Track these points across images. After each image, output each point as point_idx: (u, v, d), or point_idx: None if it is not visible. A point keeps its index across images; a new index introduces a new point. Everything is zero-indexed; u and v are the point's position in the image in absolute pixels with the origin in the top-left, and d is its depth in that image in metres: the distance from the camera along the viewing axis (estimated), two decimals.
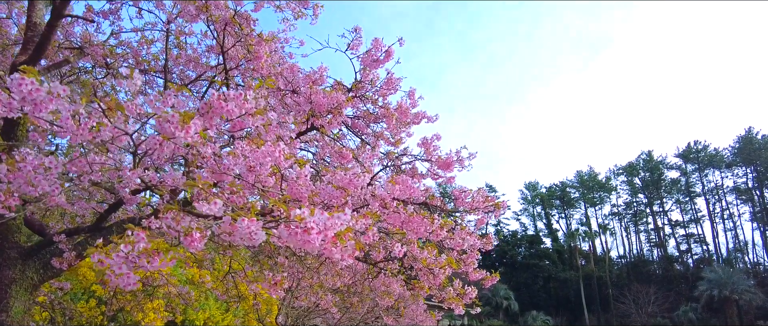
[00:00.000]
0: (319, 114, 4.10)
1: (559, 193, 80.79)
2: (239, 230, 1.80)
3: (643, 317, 49.82)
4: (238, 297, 7.46)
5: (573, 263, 66.66)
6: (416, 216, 2.90)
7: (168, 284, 7.98)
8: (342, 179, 2.83)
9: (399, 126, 4.92)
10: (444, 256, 3.56)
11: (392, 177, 3.01)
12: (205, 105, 2.26)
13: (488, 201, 4.52)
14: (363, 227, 2.53)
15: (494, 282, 4.53)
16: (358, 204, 3.17)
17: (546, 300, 61.51)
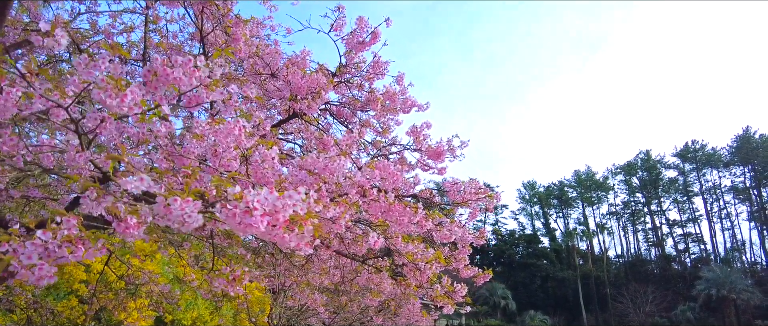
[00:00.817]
0: (299, 99, 3.80)
1: (557, 193, 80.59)
2: (173, 212, 1.50)
3: (641, 316, 49.62)
4: (223, 296, 7.16)
5: (571, 262, 66.45)
6: (397, 205, 2.60)
7: (151, 282, 7.66)
8: (314, 163, 2.53)
9: (386, 113, 4.61)
10: (432, 251, 3.27)
11: (371, 162, 2.71)
12: (148, 72, 1.96)
13: (480, 193, 4.22)
14: (335, 215, 2.22)
15: (487, 280, 4.24)
16: (336, 193, 2.88)
17: (544, 299, 61.29)
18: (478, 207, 4.26)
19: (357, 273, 4.68)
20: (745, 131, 67.88)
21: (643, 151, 76.10)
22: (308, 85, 3.86)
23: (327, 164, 2.69)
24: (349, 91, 4.65)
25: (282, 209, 1.45)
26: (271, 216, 1.46)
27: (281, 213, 1.47)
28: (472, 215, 4.36)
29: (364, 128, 4.68)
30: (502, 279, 60.20)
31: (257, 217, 1.39)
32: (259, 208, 1.40)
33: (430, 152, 4.48)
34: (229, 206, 1.39)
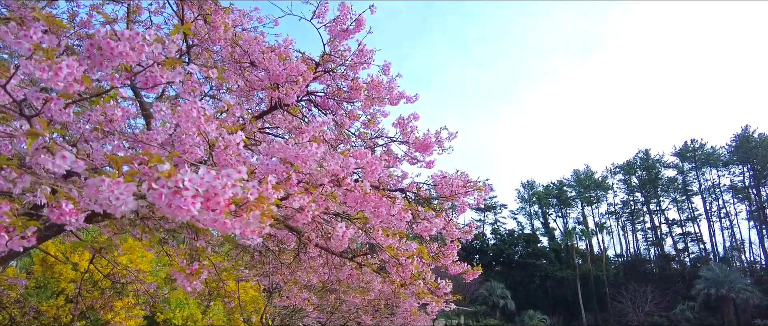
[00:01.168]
0: (278, 87, 3.62)
1: (556, 192, 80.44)
2: (102, 193, 1.33)
3: (640, 316, 49.47)
4: (208, 295, 6.98)
5: (570, 262, 66.28)
6: (374, 195, 2.43)
7: (137, 281, 7.48)
8: (283, 149, 2.35)
9: (373, 103, 4.44)
10: (414, 245, 3.10)
11: (346, 149, 2.54)
12: (90, 46, 1.79)
13: (469, 186, 4.05)
14: (302, 204, 2.05)
15: (476, 276, 4.07)
16: (312, 183, 2.71)
17: (543, 299, 61.14)
18: (467, 202, 4.09)
19: (338, 269, 4.50)
20: (744, 130, 67.77)
21: (642, 151, 76.04)
22: (288, 73, 3.69)
23: (298, 151, 2.51)
24: (333, 81, 4.48)
25: (221, 191, 1.27)
26: (209, 199, 1.29)
27: (221, 196, 1.30)
28: (460, 209, 4.19)
29: (349, 118, 4.50)
30: (501, 278, 60.06)
31: (188, 198, 1.22)
32: (190, 188, 1.23)
33: (417, 144, 4.31)
34: (155, 185, 1.22)
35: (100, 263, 7.91)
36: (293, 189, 2.23)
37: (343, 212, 3.04)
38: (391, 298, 6.04)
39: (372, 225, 2.92)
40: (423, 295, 3.05)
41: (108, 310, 8.01)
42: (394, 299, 6.05)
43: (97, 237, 8.52)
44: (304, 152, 2.39)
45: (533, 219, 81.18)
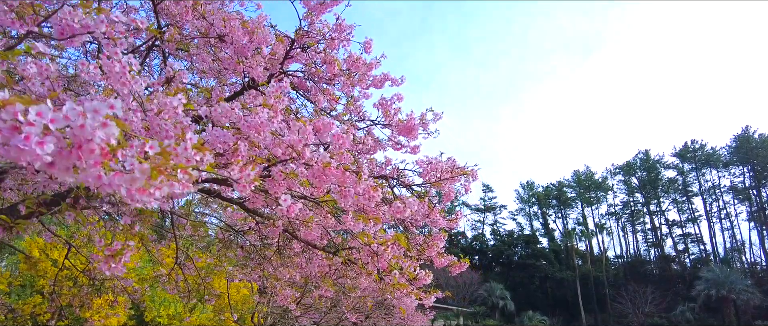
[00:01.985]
0: (244, 61, 3.30)
1: (555, 193, 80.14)
2: None
3: (640, 317, 49.12)
4: (188, 293, 6.67)
5: (570, 263, 65.91)
6: (334, 169, 2.11)
7: (114, 277, 7.16)
8: (227, 113, 2.03)
9: (354, 85, 4.12)
10: (391, 232, 2.78)
11: (305, 119, 2.21)
12: None
13: (456, 171, 3.73)
14: (241, 177, 1.73)
15: (462, 269, 3.75)
16: (268, 158, 2.39)
17: (542, 300, 60.78)
18: (454, 188, 3.78)
19: (309, 262, 4.18)
20: (744, 130, 67.46)
21: (642, 151, 75.72)
22: (255, 45, 3.37)
23: (251, 121, 2.19)
24: (311, 61, 4.16)
25: (83, 132, 0.95)
26: (80, 145, 0.97)
27: (93, 141, 0.98)
28: (447, 196, 3.87)
29: (328, 102, 4.18)
30: (501, 279, 59.72)
31: (32, 138, 0.90)
32: (36, 124, 0.91)
33: (400, 127, 3.99)
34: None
35: (79, 259, 7.58)
36: (235, 159, 1.91)
37: (312, 195, 2.72)
38: (381, 297, 5.70)
39: (343, 209, 2.61)
40: (400, 287, 2.74)
41: (86, 308, 7.68)
42: (383, 298, 5.71)
43: (76, 232, 8.20)
44: (255, 120, 2.07)
45: (533, 220, 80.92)
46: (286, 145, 2.13)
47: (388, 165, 4.34)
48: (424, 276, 2.86)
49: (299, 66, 4.23)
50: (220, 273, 7.46)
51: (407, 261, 2.93)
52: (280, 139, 2.12)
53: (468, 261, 3.78)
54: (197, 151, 1.51)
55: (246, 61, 3.30)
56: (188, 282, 6.53)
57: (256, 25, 3.76)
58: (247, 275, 5.90)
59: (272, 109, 2.23)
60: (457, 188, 3.92)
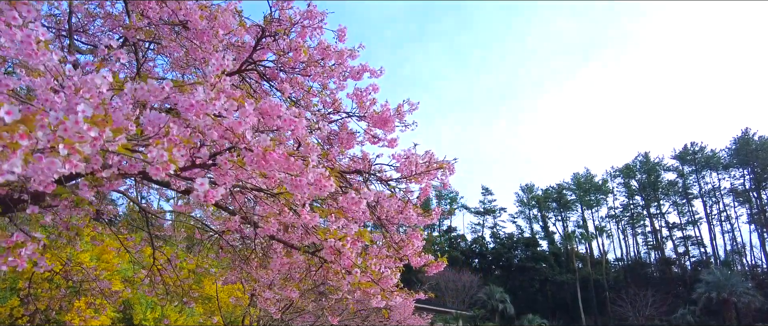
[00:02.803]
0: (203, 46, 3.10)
1: (555, 195, 79.91)
2: None
3: (641, 320, 48.81)
4: (166, 295, 6.46)
5: (570, 266, 65.62)
6: (276, 154, 1.89)
7: (90, 278, 6.93)
8: (156, 91, 1.82)
9: (327, 74, 3.91)
10: (354, 227, 2.57)
11: (242, 95, 2.00)
12: None
13: (433, 165, 3.52)
14: (155, 158, 1.52)
15: (440, 269, 3.55)
16: (207, 143, 2.18)
17: (542, 303, 60.47)
18: (431, 183, 3.57)
19: (268, 259, 3.96)
20: (744, 133, 67.24)
21: (642, 154, 75.50)
22: (216, 30, 3.17)
23: (191, 100, 1.98)
24: (281, 52, 3.94)
25: None
26: None
27: None
28: (424, 192, 3.66)
29: (302, 94, 3.97)
30: (501, 282, 59.41)
31: None
32: None
33: (375, 119, 3.78)
34: None
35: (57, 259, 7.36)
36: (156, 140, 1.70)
37: (267, 186, 2.51)
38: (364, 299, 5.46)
39: (294, 201, 2.39)
40: (363, 287, 2.52)
41: (65, 311, 7.46)
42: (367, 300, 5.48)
43: (54, 232, 8.00)
44: (187, 99, 1.86)
45: (533, 223, 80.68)
46: (225, 128, 1.92)
47: (365, 159, 4.14)
48: (390, 276, 2.65)
49: (272, 56, 4.02)
50: (211, 275, 7.25)
51: (384, 260, 2.71)
52: (219, 122, 1.92)
53: (445, 260, 3.57)
54: (93, 126, 1.30)
55: (203, 46, 3.10)
56: (167, 285, 6.31)
57: (217, 10, 3.56)
58: (233, 277, 5.68)
59: (214, 88, 2.02)
60: (436, 184, 3.72)
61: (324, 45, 3.72)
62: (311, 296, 5.72)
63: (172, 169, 1.59)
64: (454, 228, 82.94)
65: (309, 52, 3.67)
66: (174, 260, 6.14)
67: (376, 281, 2.60)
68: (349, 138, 3.93)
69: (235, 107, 1.96)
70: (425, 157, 3.55)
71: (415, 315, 21.24)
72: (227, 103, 1.92)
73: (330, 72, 4.09)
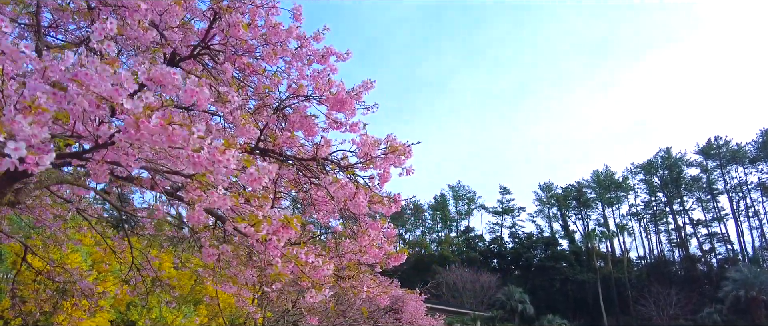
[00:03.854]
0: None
1: (575, 194, 78.48)
2: None
3: (665, 319, 47.48)
4: (146, 293, 6.27)
5: (591, 265, 64.28)
6: (152, 122, 1.64)
7: (80, 280, 6.80)
8: (11, 52, 1.57)
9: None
10: (277, 212, 2.30)
11: (116, 61, 1.74)
12: None
13: (392, 149, 3.24)
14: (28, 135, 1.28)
15: (400, 262, 3.26)
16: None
17: (563, 303, 59.30)
18: (387, 167, 3.29)
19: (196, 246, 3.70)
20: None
21: (663, 149, 73.63)
22: (154, 8, 2.93)
23: (77, 72, 1.74)
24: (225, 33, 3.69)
25: None
26: None
27: None
28: (383, 177, 3.38)
29: (246, 70, 3.70)
30: (520, 282, 58.48)
31: None
32: None
33: (332, 101, 3.51)
34: None
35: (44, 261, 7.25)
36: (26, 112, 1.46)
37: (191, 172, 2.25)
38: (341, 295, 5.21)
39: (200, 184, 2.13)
40: (280, 278, 2.25)
41: (55, 313, 7.34)
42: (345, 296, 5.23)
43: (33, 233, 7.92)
44: (82, 73, 1.61)
45: (552, 222, 79.38)
46: (98, 97, 1.67)
47: (328, 146, 3.87)
48: (322, 267, 2.37)
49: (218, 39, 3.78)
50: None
51: (304, 248, 2.43)
52: (87, 88, 1.67)
53: (406, 252, 3.27)
54: None
55: (124, 27, 2.86)
56: (147, 284, 6.14)
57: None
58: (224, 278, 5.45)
59: (102, 58, 1.78)
60: (398, 171, 3.43)
61: (271, 23, 3.46)
62: (291, 294, 5.46)
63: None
64: (471, 228, 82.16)
65: (257, 33, 3.42)
66: (151, 258, 5.96)
67: (306, 272, 2.33)
68: (304, 122, 3.66)
69: (112, 72, 1.71)
70: (378, 140, 3.28)
71: (428, 316, 20.88)
72: (99, 66, 1.68)
73: (290, 54, 3.83)
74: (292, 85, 3.86)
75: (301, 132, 4.03)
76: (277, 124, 3.78)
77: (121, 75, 1.68)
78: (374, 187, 3.38)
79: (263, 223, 2.17)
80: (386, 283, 17.39)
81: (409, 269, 64.82)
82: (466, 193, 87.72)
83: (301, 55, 4.04)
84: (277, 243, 2.34)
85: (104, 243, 6.34)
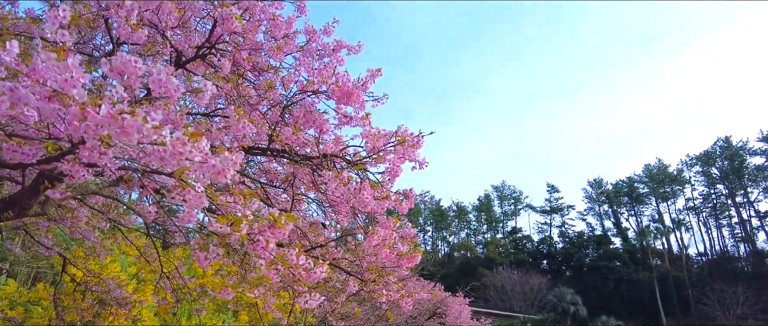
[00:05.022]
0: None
1: (626, 189, 75.28)
2: None
3: (731, 319, 44.57)
4: (176, 302, 6.28)
5: (646, 263, 61.32)
6: (91, 110, 1.47)
7: (116, 288, 6.90)
8: None
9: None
10: (266, 211, 2.11)
11: (64, 50, 1.59)
12: None
13: (401, 140, 3.00)
14: None
15: (415, 263, 3.00)
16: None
17: (618, 303, 56.82)
18: (395, 160, 3.04)
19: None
20: None
21: (722, 138, 69.45)
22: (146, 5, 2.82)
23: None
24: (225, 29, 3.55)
25: None
26: None
27: None
28: (392, 172, 3.13)
29: (267, 73, 3.55)
30: (571, 283, 56.50)
31: None
32: None
33: (338, 93, 3.30)
34: None
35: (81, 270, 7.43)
36: None
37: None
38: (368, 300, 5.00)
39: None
40: (264, 282, 2.05)
41: (97, 323, 7.50)
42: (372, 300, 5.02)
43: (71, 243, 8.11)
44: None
45: (603, 220, 76.48)
46: (50, 90, 1.52)
47: (339, 143, 3.67)
48: (314, 269, 2.16)
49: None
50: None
51: (298, 248, 2.23)
52: (36, 81, 1.53)
53: (421, 252, 3.02)
54: None
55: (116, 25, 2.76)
56: (188, 292, 6.14)
57: None
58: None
59: (57, 50, 1.64)
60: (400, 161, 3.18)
61: (269, 15, 3.30)
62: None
63: None
64: (519, 228, 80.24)
65: (254, 25, 3.26)
66: (180, 266, 5.98)
67: (297, 275, 2.12)
68: (309, 118, 3.47)
69: (58, 60, 1.57)
70: (385, 132, 3.04)
71: (474, 320, 20.35)
72: (43, 55, 1.53)
73: (298, 49, 3.67)
74: (299, 81, 3.69)
75: (313, 130, 3.86)
76: (283, 122, 3.62)
77: (68, 64, 1.53)
78: (385, 183, 3.14)
79: (243, 223, 1.97)
80: (428, 287, 17.05)
81: (455, 272, 63.90)
82: (512, 193, 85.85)
83: (311, 50, 3.87)
84: (265, 244, 2.14)
85: (145, 253, 6.39)
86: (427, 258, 64.62)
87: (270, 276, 2.04)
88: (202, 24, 4.08)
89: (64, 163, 1.95)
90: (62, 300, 7.15)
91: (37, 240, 6.38)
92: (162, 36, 3.42)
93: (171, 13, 2.91)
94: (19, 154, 2.17)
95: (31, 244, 6.73)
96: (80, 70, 1.56)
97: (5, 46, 1.54)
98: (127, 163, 2.27)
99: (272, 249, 2.17)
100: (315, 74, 3.51)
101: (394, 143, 2.94)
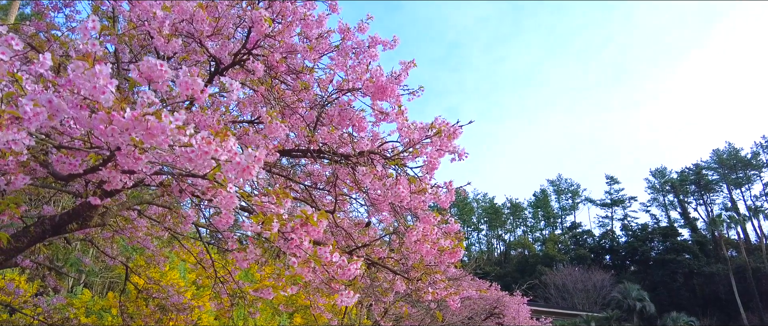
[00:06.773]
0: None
1: (693, 177, 70.93)
2: None
3: None
4: (230, 306, 6.44)
5: (719, 255, 57.51)
6: (117, 115, 1.49)
7: (175, 295, 7.19)
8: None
9: (312, 48, 3.47)
10: (299, 209, 2.09)
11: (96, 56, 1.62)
12: None
13: (437, 131, 2.92)
14: None
15: (457, 259, 2.90)
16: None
17: (689, 298, 53.61)
18: (432, 153, 2.96)
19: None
20: None
21: None
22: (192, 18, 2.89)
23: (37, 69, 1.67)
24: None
25: None
26: None
27: None
28: (430, 165, 3.04)
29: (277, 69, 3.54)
30: (637, 279, 53.91)
31: None
32: None
33: (371, 89, 3.25)
34: None
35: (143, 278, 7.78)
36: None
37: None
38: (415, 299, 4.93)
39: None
40: (300, 280, 2.01)
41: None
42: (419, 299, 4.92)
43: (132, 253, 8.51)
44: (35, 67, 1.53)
45: (669, 210, 72.42)
46: (82, 97, 1.57)
47: (377, 139, 3.63)
48: (347, 267, 2.12)
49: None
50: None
51: (334, 247, 2.19)
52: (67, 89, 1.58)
53: (463, 247, 2.92)
54: None
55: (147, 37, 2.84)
56: (244, 297, 6.31)
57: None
58: None
59: (85, 58, 1.70)
60: (450, 157, 3.09)
61: (299, 15, 3.29)
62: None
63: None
64: (578, 223, 77.44)
65: (286, 26, 3.27)
66: (234, 271, 6.16)
67: (332, 272, 2.09)
68: (344, 115, 3.45)
69: (87, 68, 1.61)
70: (429, 125, 2.96)
71: (533, 320, 19.74)
72: (74, 64, 1.58)
73: (316, 47, 3.66)
74: (335, 80, 3.68)
75: (351, 128, 3.84)
76: (320, 122, 3.63)
77: (96, 71, 1.57)
78: (423, 177, 3.07)
79: (274, 221, 1.96)
80: (483, 287, 16.67)
81: (513, 271, 62.50)
82: (569, 187, 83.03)
83: (346, 48, 3.85)
84: (299, 243, 2.13)
85: (201, 259, 6.63)
86: (481, 257, 63.51)
87: (303, 274, 2.02)
88: (239, 31, 4.16)
89: (102, 171, 2.01)
90: (127, 307, 7.53)
91: (102, 250, 6.76)
92: (199, 44, 3.51)
93: (204, 22, 2.97)
94: (68, 166, 2.26)
95: (99, 255, 7.14)
96: (108, 77, 1.59)
97: (38, 58, 1.60)
98: (165, 168, 2.34)
99: (307, 248, 2.15)
100: (349, 71, 3.49)
101: (430, 135, 2.86)
